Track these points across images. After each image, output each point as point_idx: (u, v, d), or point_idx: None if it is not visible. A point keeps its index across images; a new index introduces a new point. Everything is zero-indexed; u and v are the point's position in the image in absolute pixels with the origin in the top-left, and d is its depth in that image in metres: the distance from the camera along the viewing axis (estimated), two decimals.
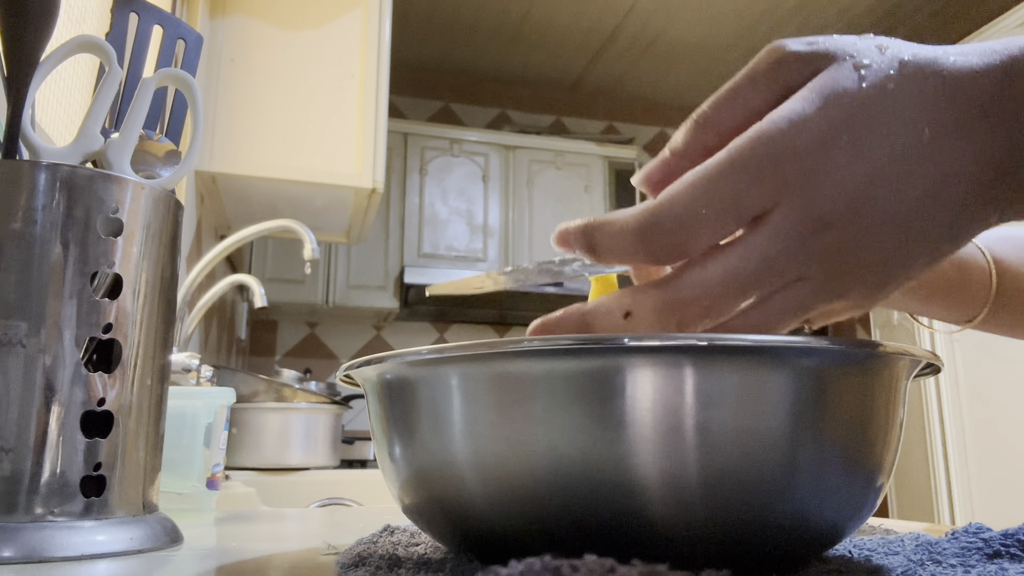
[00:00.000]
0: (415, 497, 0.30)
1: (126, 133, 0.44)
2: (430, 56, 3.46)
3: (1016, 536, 0.31)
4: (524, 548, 0.26)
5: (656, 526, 0.26)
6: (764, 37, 3.23)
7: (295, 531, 0.51)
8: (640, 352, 0.26)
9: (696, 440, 0.25)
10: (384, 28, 1.75)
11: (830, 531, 0.29)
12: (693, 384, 0.25)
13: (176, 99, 0.52)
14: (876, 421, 0.28)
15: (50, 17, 0.42)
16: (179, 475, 0.60)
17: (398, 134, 3.17)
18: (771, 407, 0.26)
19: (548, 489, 0.26)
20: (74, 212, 0.40)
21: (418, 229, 3.14)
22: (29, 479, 0.37)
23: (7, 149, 0.41)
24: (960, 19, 3.07)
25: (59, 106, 0.84)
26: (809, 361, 0.27)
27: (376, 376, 0.31)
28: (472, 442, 0.28)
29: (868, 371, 0.28)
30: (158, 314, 0.43)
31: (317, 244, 1.21)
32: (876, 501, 0.30)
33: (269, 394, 1.62)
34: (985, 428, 2.40)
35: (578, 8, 3.05)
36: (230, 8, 1.66)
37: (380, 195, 1.70)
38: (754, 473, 0.26)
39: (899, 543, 0.36)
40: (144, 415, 0.42)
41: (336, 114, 1.67)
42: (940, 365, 0.32)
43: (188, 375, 0.86)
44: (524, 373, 0.27)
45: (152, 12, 0.51)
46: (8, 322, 0.38)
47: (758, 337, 0.26)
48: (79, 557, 0.37)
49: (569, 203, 3.31)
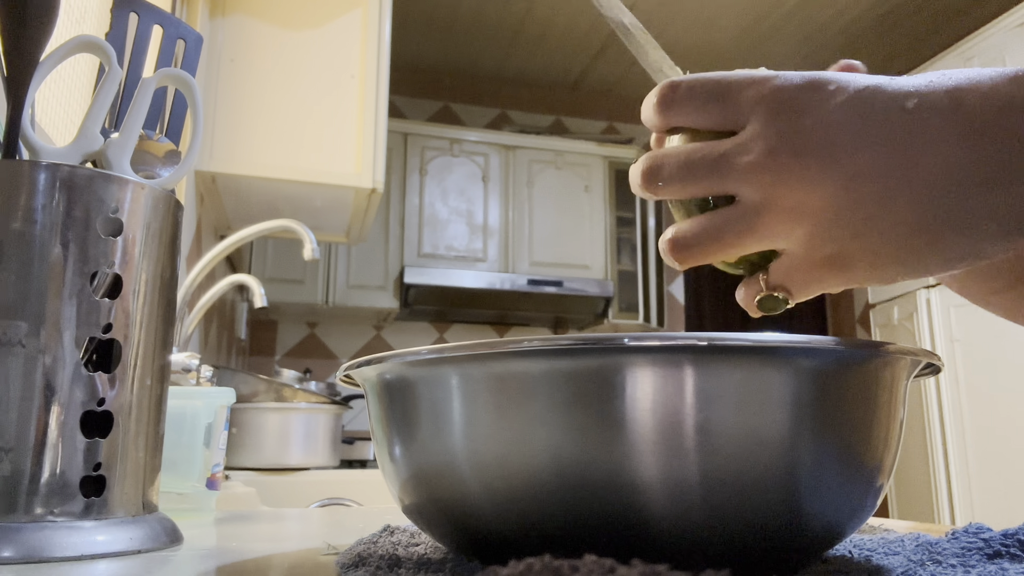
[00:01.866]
0: (415, 497, 0.30)
1: (126, 133, 0.44)
2: (430, 56, 3.46)
3: (1016, 536, 0.31)
4: (524, 548, 0.26)
5: (656, 526, 0.26)
6: (764, 37, 3.23)
7: (295, 531, 0.51)
8: (640, 352, 0.26)
9: (696, 440, 0.25)
10: (384, 28, 1.75)
11: (830, 531, 0.29)
12: (693, 384, 0.25)
13: (176, 99, 0.52)
14: (877, 421, 0.28)
15: (50, 17, 0.42)
16: (179, 475, 0.60)
17: (398, 134, 3.17)
18: (771, 407, 0.26)
19: (548, 489, 0.26)
20: (74, 212, 0.40)
21: (418, 229, 3.14)
22: (29, 479, 0.37)
23: (7, 149, 0.41)
24: (959, 19, 3.06)
25: (59, 106, 0.84)
26: (809, 361, 0.26)
27: (376, 376, 0.31)
28: (472, 442, 0.28)
29: (869, 371, 0.28)
30: (158, 314, 0.43)
31: (317, 244, 1.21)
32: (876, 501, 0.30)
33: (269, 394, 1.62)
34: (985, 428, 2.40)
35: (578, 8, 3.05)
36: (230, 8, 1.66)
37: (380, 195, 1.70)
38: (754, 473, 0.26)
39: (899, 543, 0.36)
40: (144, 415, 0.42)
41: (336, 114, 1.67)
42: (940, 365, 0.32)
43: (188, 375, 0.86)
44: (524, 373, 0.27)
45: (152, 12, 0.51)
46: (8, 322, 0.38)
47: (758, 337, 0.26)
48: (79, 557, 0.37)
49: (569, 203, 3.31)
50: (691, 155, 0.33)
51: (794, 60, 3.38)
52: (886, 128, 0.30)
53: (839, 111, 0.31)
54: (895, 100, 0.31)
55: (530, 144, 3.33)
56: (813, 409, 0.26)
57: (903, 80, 0.32)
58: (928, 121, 0.30)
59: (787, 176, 0.31)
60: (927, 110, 0.30)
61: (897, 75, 0.32)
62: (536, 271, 3.19)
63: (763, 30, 3.19)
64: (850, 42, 3.25)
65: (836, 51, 3.31)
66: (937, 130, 0.30)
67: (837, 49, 3.30)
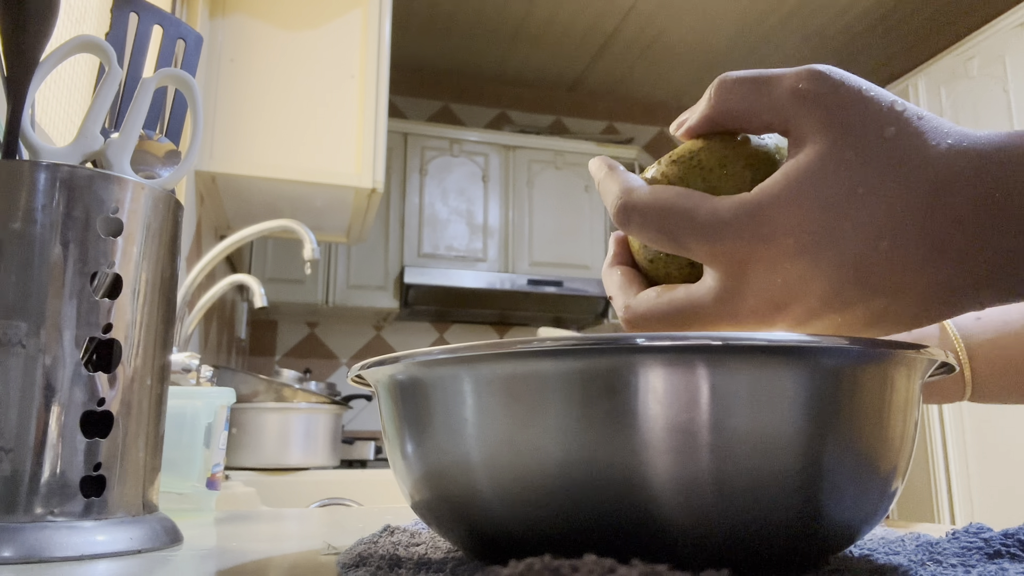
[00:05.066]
0: (426, 495, 0.30)
1: (126, 133, 0.44)
2: (430, 56, 3.46)
3: (1016, 536, 0.31)
4: (534, 547, 0.26)
5: (669, 527, 0.25)
6: (764, 37, 3.23)
7: (295, 531, 0.51)
8: (653, 352, 0.25)
9: (710, 440, 0.25)
10: (384, 28, 1.75)
11: (844, 533, 0.28)
12: (706, 384, 0.25)
13: (176, 99, 0.52)
14: (892, 421, 0.28)
15: (50, 17, 0.42)
16: (179, 475, 0.60)
17: (398, 134, 3.17)
18: (786, 407, 0.26)
19: (560, 489, 0.26)
20: (74, 212, 0.40)
21: (418, 229, 3.14)
22: (29, 479, 0.37)
23: (7, 149, 0.41)
24: (959, 20, 3.06)
25: (59, 106, 0.84)
26: (825, 360, 0.26)
27: (388, 376, 0.31)
28: (484, 441, 0.27)
29: (884, 371, 0.28)
30: (158, 314, 0.43)
31: (317, 244, 1.22)
32: (891, 503, 0.30)
33: (269, 394, 1.63)
34: (985, 428, 2.40)
35: (578, 8, 3.05)
36: (230, 8, 1.66)
37: (380, 195, 1.70)
38: (769, 474, 0.25)
39: (899, 543, 0.36)
40: (144, 415, 0.42)
41: (336, 114, 1.67)
42: (955, 365, 0.31)
43: (188, 375, 0.86)
44: (536, 373, 0.27)
45: (152, 12, 0.51)
46: (8, 322, 0.38)
47: (773, 336, 0.25)
48: (79, 557, 0.37)
49: (569, 203, 3.31)
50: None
51: (794, 61, 3.38)
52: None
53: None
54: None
55: (530, 144, 3.33)
56: (828, 409, 0.26)
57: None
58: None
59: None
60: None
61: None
62: (536, 271, 3.19)
63: (763, 30, 3.19)
64: (850, 42, 3.25)
65: (836, 51, 3.31)
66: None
67: (837, 49, 3.30)
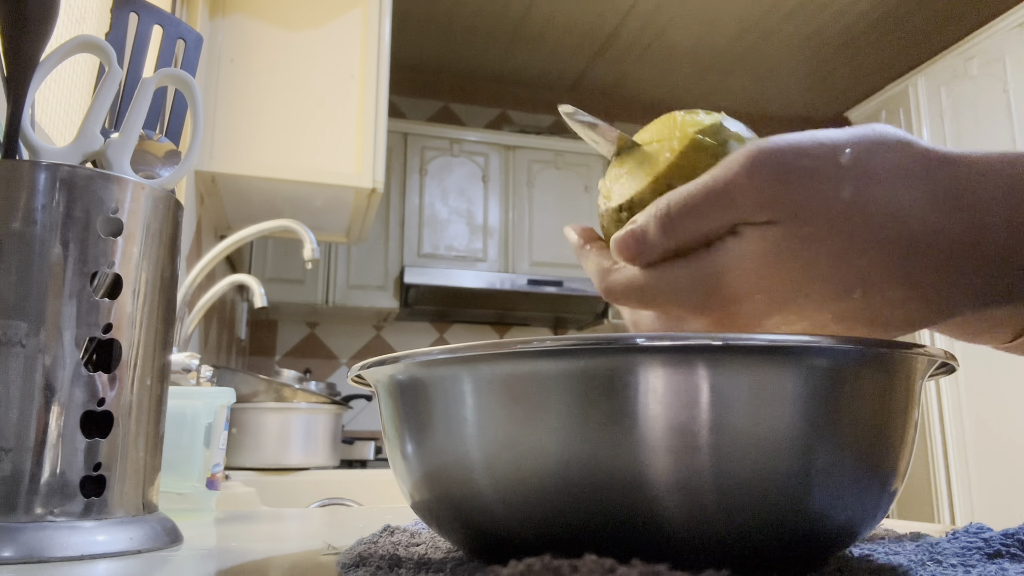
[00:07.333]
0: (426, 494, 0.30)
1: (126, 133, 0.44)
2: (430, 56, 3.46)
3: (1016, 536, 0.31)
4: (535, 547, 0.26)
5: (669, 527, 0.25)
6: (764, 37, 3.23)
7: (295, 531, 0.51)
8: (654, 352, 0.25)
9: (710, 440, 0.25)
10: (384, 28, 1.75)
11: (844, 533, 0.28)
12: (706, 384, 0.25)
13: (176, 99, 0.52)
14: (892, 421, 0.28)
15: (50, 17, 0.42)
16: (179, 475, 0.60)
17: (398, 134, 3.17)
18: (787, 407, 0.26)
19: (560, 489, 0.26)
20: (74, 212, 0.40)
21: (418, 229, 3.14)
22: (29, 479, 0.37)
23: (7, 149, 0.41)
24: (959, 20, 3.06)
25: (59, 106, 0.84)
26: (825, 360, 0.26)
27: (388, 376, 0.31)
28: (484, 441, 0.28)
29: (885, 370, 0.28)
30: (158, 314, 0.43)
31: (317, 244, 1.21)
32: (891, 503, 0.30)
33: (269, 394, 1.62)
34: (985, 428, 2.40)
35: (578, 8, 3.05)
36: (230, 8, 1.66)
37: (380, 195, 1.70)
38: (769, 474, 0.25)
39: (899, 543, 0.36)
40: (144, 415, 0.42)
41: (336, 114, 1.67)
42: (955, 365, 0.31)
43: (188, 375, 0.86)
44: (537, 373, 0.27)
45: (152, 12, 0.51)
46: (8, 322, 0.38)
47: (774, 336, 0.25)
48: (79, 557, 0.37)
49: (569, 203, 3.31)
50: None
51: (794, 60, 3.39)
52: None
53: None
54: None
55: (530, 144, 3.33)
56: (828, 409, 0.26)
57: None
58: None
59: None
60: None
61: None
62: (536, 271, 3.19)
63: (763, 30, 3.19)
64: (850, 42, 3.25)
65: (836, 51, 3.31)
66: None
67: (837, 49, 3.30)
